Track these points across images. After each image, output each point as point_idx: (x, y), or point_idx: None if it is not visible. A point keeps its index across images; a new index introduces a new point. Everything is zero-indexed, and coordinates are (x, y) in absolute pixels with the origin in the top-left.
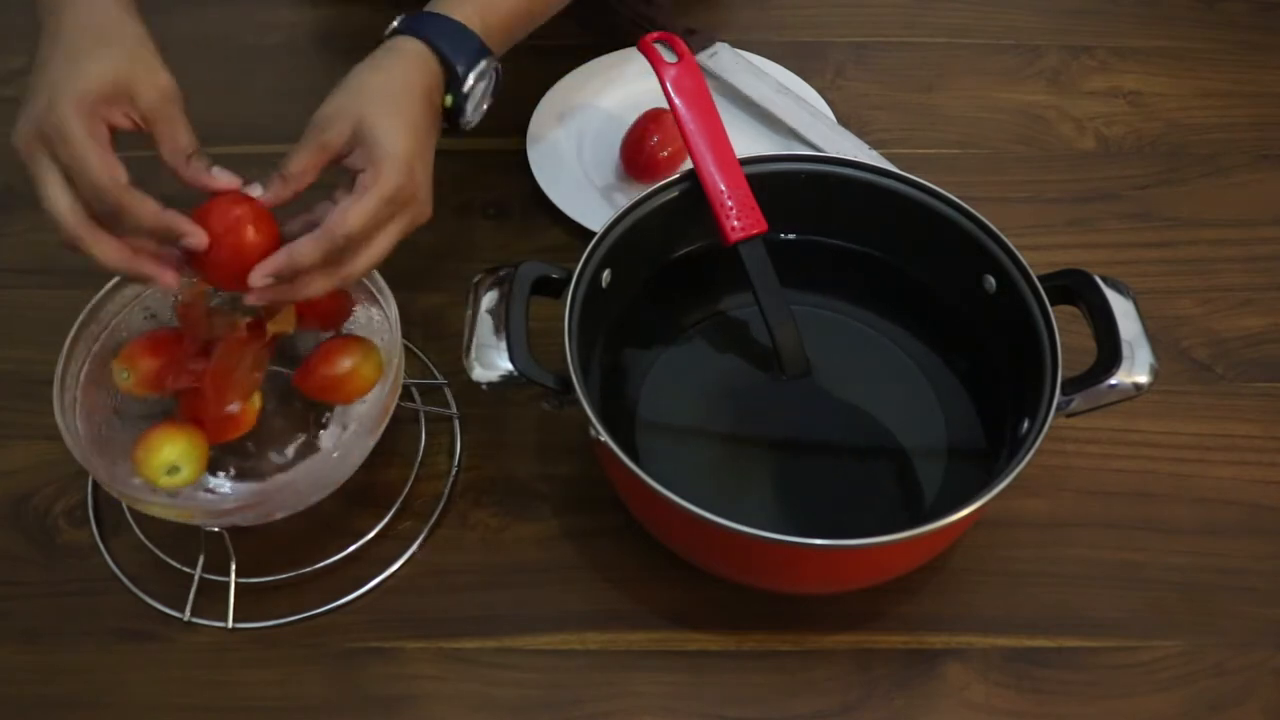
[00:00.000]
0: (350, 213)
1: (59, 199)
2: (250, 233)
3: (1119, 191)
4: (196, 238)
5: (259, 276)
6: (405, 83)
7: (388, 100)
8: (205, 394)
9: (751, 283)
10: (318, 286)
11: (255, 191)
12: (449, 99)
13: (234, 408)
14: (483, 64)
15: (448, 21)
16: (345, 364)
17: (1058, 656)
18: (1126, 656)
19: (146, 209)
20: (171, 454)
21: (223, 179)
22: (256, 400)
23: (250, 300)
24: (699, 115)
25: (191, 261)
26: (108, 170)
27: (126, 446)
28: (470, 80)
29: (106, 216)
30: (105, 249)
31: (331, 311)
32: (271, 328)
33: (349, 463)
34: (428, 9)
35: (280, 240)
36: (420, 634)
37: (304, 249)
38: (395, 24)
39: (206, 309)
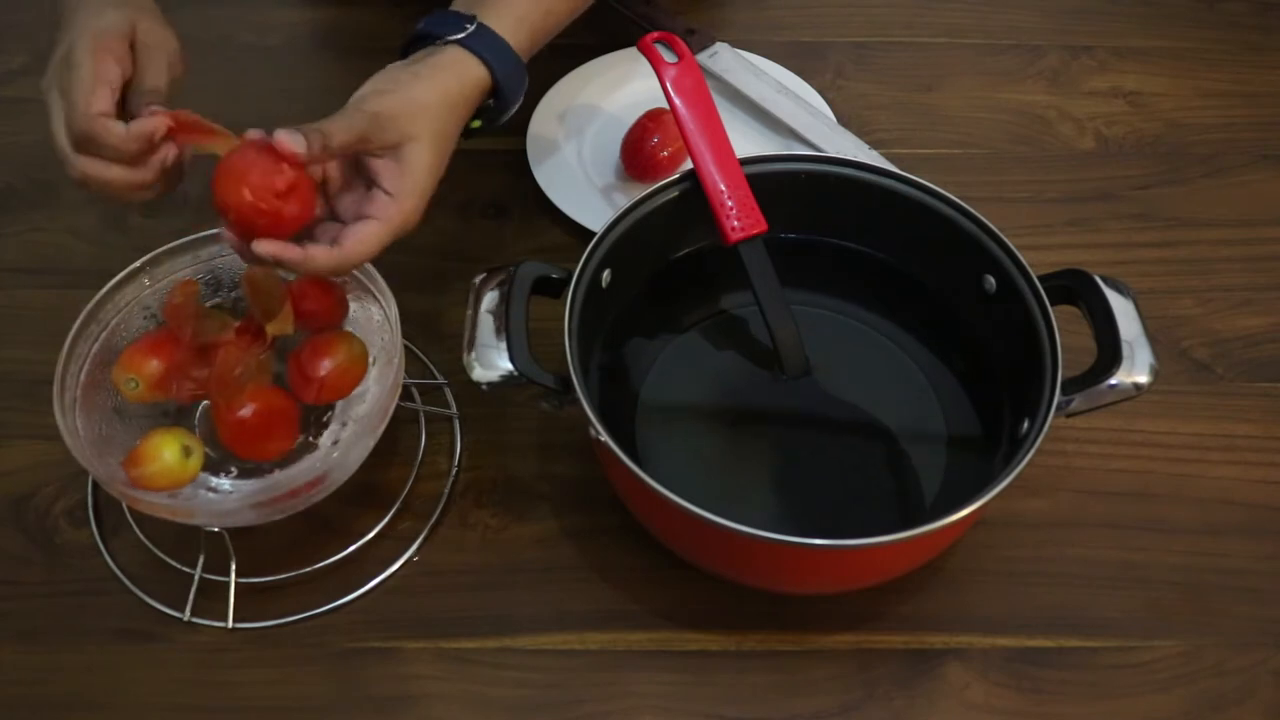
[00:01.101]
0: (370, 243)
1: (58, 133)
2: (288, 198)
3: (1119, 191)
4: (159, 121)
5: (266, 250)
6: (457, 109)
7: (441, 126)
8: (213, 402)
9: (752, 283)
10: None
11: (297, 143)
12: (477, 123)
13: (245, 411)
14: (521, 98)
15: (509, 52)
16: (326, 364)
17: (1058, 656)
18: (1126, 656)
19: (113, 132)
20: (180, 440)
21: (149, 123)
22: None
23: (257, 250)
24: (699, 115)
25: (218, 202)
26: (85, 97)
27: (126, 446)
28: (509, 113)
29: (83, 144)
30: (98, 169)
31: (326, 311)
32: (271, 329)
33: (349, 463)
34: (486, 20)
35: (312, 191)
36: (420, 634)
37: (319, 259)
38: (460, 36)
39: (197, 308)
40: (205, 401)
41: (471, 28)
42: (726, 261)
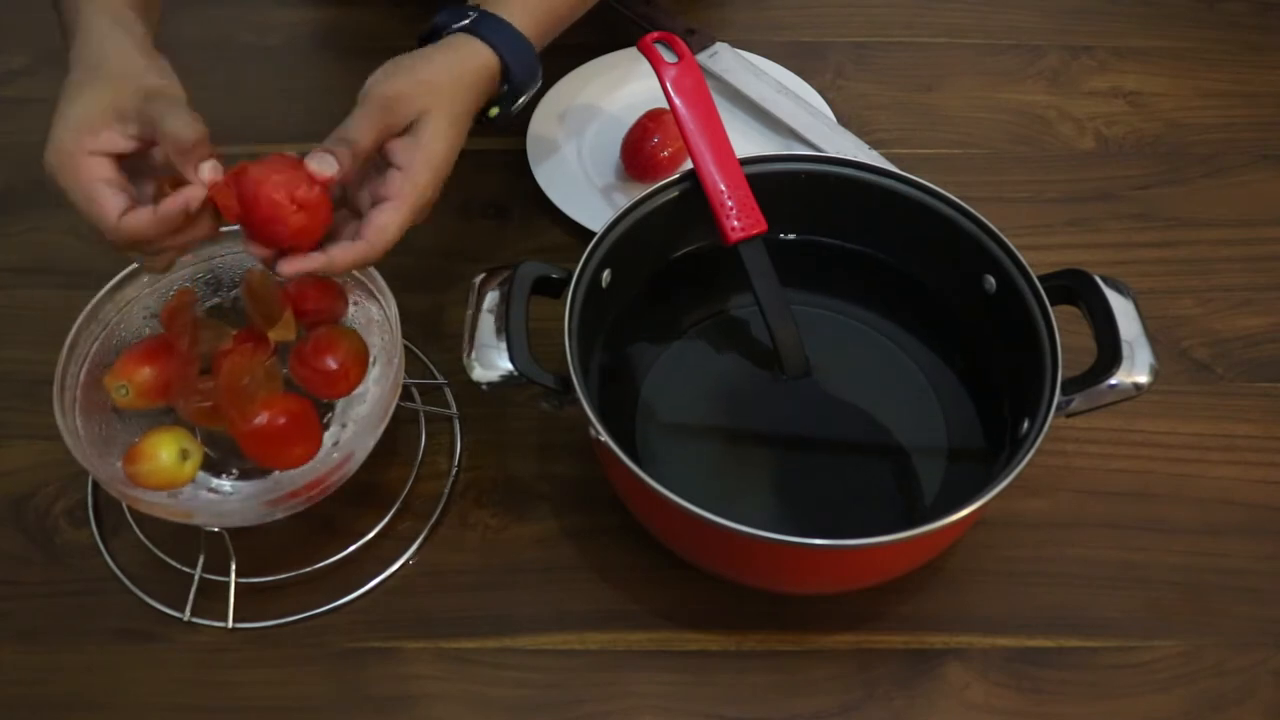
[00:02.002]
0: (391, 227)
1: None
2: (302, 213)
3: (1119, 191)
4: (195, 192)
5: (291, 269)
6: (469, 90)
7: (452, 105)
8: (226, 413)
9: (752, 283)
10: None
11: (328, 166)
12: (494, 110)
13: (261, 420)
14: (535, 84)
15: (516, 34)
16: (338, 358)
17: (1057, 656)
18: (1126, 656)
19: (143, 223)
20: (179, 442)
21: (206, 174)
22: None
23: (283, 272)
24: (699, 115)
25: (242, 213)
26: (99, 216)
27: (127, 446)
28: (522, 100)
29: (130, 247)
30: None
31: (326, 310)
32: (274, 336)
33: (349, 463)
34: (491, 9)
35: (329, 203)
36: (420, 634)
37: (343, 257)
38: (465, 21)
39: (194, 317)
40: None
41: (474, 14)
42: (727, 261)
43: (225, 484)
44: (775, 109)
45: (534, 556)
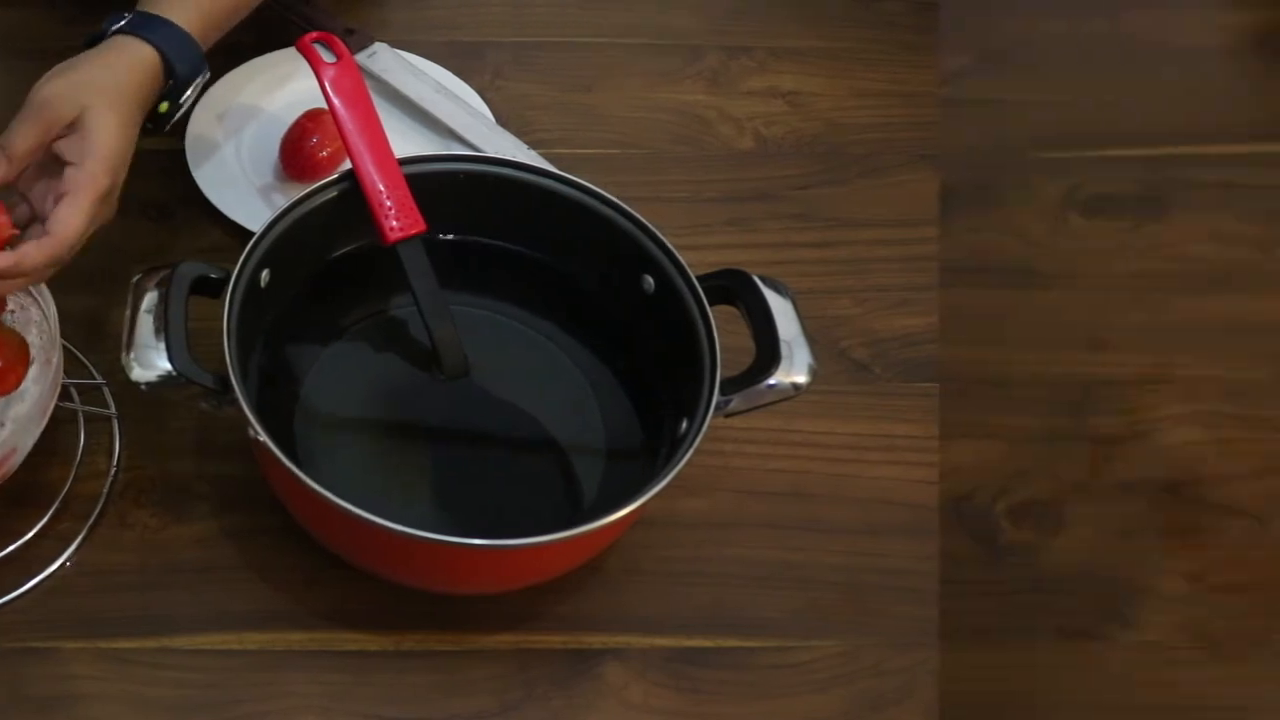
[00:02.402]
0: (73, 219)
1: None
2: None
3: (778, 191)
4: None
5: None
6: (129, 83)
7: (112, 97)
8: None
9: (410, 283)
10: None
11: None
12: (164, 105)
13: None
14: (201, 76)
15: (175, 30)
16: (6, 353)
17: (716, 656)
18: (785, 656)
19: None
20: None
21: None
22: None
23: None
24: (358, 115)
25: None
26: None
27: None
28: (189, 91)
29: None
30: None
31: None
32: None
33: (9, 463)
34: (148, 9)
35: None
36: (79, 634)
37: (32, 255)
38: (122, 22)
39: None
40: None
41: (130, 15)
42: (386, 262)
43: None
44: (434, 109)
45: (193, 556)
